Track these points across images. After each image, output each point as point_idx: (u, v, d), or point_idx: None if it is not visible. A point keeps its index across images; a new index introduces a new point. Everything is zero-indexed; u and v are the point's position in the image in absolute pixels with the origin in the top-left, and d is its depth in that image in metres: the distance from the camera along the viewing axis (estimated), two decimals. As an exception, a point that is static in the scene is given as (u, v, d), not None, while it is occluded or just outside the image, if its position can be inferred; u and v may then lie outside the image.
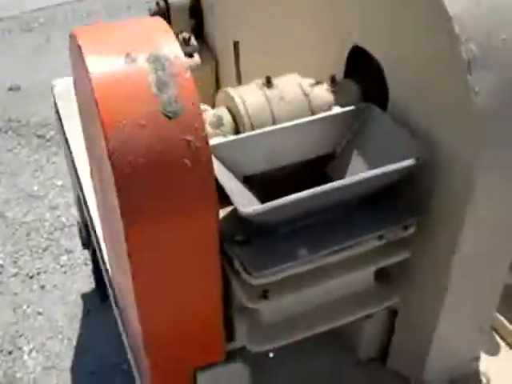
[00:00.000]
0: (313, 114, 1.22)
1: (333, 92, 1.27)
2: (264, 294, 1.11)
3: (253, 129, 1.19)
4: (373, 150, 1.19)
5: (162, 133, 0.98)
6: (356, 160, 1.21)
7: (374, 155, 1.18)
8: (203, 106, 1.25)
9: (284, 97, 1.22)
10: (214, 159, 1.07)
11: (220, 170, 1.07)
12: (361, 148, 1.21)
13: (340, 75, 1.35)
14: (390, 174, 1.07)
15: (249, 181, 1.22)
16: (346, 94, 1.28)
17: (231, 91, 1.22)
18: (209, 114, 1.21)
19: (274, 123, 1.20)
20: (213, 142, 1.13)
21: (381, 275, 1.29)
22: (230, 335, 1.26)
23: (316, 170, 1.27)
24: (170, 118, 0.98)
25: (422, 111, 1.14)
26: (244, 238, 1.10)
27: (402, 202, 1.16)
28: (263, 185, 1.26)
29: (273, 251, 1.09)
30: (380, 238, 1.13)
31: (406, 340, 1.41)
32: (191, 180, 1.00)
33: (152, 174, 0.98)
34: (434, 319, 1.29)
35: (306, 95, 1.22)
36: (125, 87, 0.99)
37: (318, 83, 1.31)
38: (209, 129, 1.19)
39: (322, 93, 1.26)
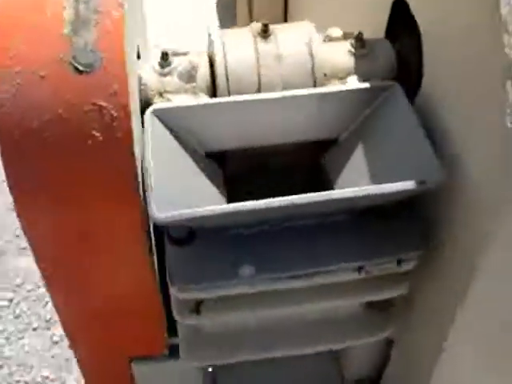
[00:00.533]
0: (315, 83, 0.91)
1: (356, 55, 0.94)
2: (197, 308, 0.88)
3: (229, 93, 0.90)
4: (382, 148, 0.87)
5: (66, 91, 0.73)
6: (359, 156, 0.90)
7: (382, 155, 0.87)
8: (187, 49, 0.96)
9: (281, 55, 0.90)
10: (155, 127, 0.82)
11: (158, 146, 0.81)
12: (369, 141, 0.89)
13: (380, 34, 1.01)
14: (379, 195, 0.77)
15: (222, 156, 0.96)
16: (375, 60, 0.94)
17: (214, 34, 0.92)
18: (184, 59, 0.93)
19: (259, 89, 0.90)
20: (160, 105, 0.86)
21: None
22: (174, 329, 1.04)
23: (311, 156, 0.98)
24: (80, 71, 0.73)
25: (453, 112, 0.80)
26: (180, 236, 0.85)
27: (401, 226, 0.85)
28: (245, 162, 0.99)
29: (212, 259, 0.84)
30: (359, 269, 0.84)
31: (401, 372, 1.14)
32: (102, 159, 0.75)
33: (48, 145, 0.74)
34: (433, 367, 1.00)
35: (313, 57, 0.91)
36: (29, 21, 0.73)
37: (346, 36, 0.97)
38: (177, 81, 0.91)
39: (339, 55, 0.93)
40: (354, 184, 0.88)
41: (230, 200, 1.01)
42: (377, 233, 0.85)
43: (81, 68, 0.72)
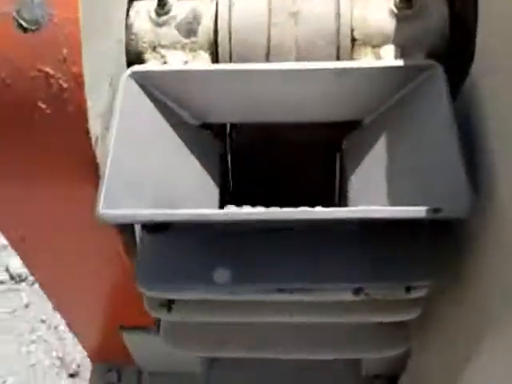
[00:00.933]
0: (339, 51, 0.73)
1: (398, 17, 0.74)
2: (168, 305, 0.76)
3: (230, 55, 0.74)
4: (409, 143, 0.70)
5: (9, 51, 0.60)
6: (381, 147, 0.73)
7: (406, 153, 0.69)
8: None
9: (299, 12, 0.73)
10: (130, 93, 0.69)
11: (130, 117, 0.67)
12: (396, 131, 0.71)
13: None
14: (385, 218, 0.61)
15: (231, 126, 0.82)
16: (423, 24, 0.74)
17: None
18: (187, 7, 0.77)
19: (267, 54, 0.73)
20: (140, 67, 0.72)
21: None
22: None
23: (332, 133, 0.82)
24: (25, 29, 0.59)
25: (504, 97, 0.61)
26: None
27: (415, 245, 0.69)
28: (256, 134, 0.85)
29: (185, 256, 0.71)
30: (357, 291, 0.69)
31: (419, 379, 1.00)
32: (50, 135, 0.63)
33: (-12, 112, 0.62)
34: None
35: (339, 16, 0.72)
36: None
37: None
38: (174, 33, 0.76)
39: (375, 16, 0.74)
40: (369, 182, 0.73)
41: (234, 174, 0.88)
42: (385, 251, 0.69)
43: (25, 25, 0.59)
